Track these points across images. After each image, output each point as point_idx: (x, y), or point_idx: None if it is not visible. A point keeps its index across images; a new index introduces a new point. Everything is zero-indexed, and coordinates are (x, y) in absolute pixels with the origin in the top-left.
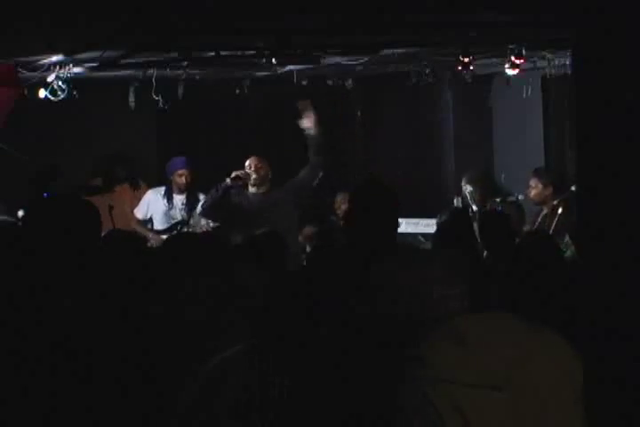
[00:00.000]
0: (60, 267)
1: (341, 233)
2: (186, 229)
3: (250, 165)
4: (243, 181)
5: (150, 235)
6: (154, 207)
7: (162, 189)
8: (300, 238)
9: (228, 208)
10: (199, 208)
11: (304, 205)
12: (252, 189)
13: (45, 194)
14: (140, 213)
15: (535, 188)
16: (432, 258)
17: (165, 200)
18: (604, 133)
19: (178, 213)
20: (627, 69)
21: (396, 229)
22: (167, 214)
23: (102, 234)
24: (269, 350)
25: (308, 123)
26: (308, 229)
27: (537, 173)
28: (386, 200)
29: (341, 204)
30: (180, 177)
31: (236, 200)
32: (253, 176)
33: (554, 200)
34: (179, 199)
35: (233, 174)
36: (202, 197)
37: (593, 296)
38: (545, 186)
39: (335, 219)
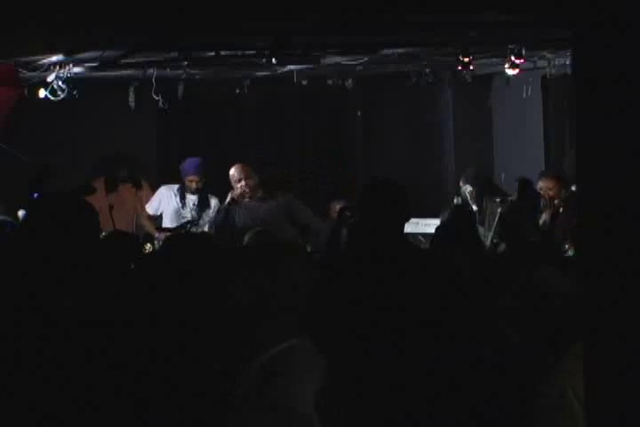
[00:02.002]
0: (60, 267)
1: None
2: (194, 230)
3: (236, 176)
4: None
5: (157, 233)
6: (166, 204)
7: (175, 187)
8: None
9: (230, 226)
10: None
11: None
12: (246, 199)
13: (36, 194)
14: (151, 208)
15: (553, 189)
16: None
17: (178, 198)
18: (603, 133)
19: (189, 213)
20: (626, 69)
21: (403, 226)
22: (178, 213)
23: (102, 234)
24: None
25: None
26: (336, 205)
27: (558, 174)
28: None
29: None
30: (191, 183)
31: (233, 213)
32: (247, 191)
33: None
34: (191, 199)
35: (229, 198)
36: (213, 200)
37: (593, 296)
38: (566, 186)
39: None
